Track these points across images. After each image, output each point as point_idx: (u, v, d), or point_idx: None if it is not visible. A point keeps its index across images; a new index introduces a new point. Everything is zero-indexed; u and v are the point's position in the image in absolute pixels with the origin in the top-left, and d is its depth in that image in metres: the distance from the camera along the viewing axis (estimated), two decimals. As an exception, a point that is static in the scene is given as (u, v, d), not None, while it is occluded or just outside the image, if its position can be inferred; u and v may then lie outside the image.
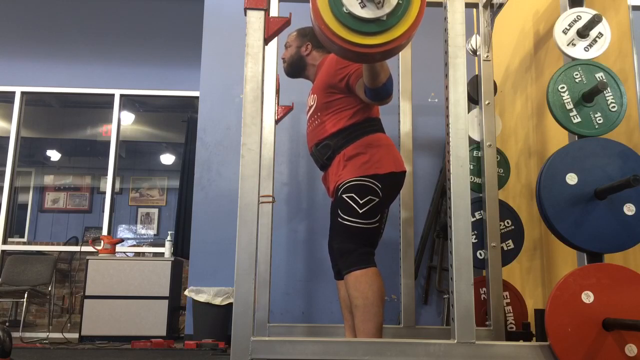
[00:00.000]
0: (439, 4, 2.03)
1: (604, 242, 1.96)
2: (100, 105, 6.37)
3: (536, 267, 3.03)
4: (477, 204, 2.82)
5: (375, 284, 2.09)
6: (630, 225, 1.95)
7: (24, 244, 6.61)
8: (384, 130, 2.36)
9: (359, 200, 2.17)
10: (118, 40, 5.72)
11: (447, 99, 1.86)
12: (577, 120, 2.09)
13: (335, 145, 2.28)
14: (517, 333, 2.58)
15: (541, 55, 3.03)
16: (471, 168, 2.88)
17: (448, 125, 1.83)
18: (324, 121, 2.35)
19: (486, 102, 2.87)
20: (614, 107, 2.10)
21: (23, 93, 5.57)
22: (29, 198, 7.96)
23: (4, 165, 5.42)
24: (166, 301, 4.18)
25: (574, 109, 2.10)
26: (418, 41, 3.14)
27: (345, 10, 1.60)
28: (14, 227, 7.01)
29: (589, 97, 2.10)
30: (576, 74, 2.14)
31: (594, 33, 2.19)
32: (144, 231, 7.77)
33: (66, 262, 5.70)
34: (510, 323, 2.77)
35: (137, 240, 7.73)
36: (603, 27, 2.20)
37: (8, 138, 5.46)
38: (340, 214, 2.19)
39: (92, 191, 7.93)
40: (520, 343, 2.07)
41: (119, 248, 4.77)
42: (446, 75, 1.87)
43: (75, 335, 4.22)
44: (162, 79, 5.60)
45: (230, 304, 3.50)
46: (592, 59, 2.18)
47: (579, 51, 2.19)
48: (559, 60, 2.60)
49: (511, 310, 2.80)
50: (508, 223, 2.85)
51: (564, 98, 2.11)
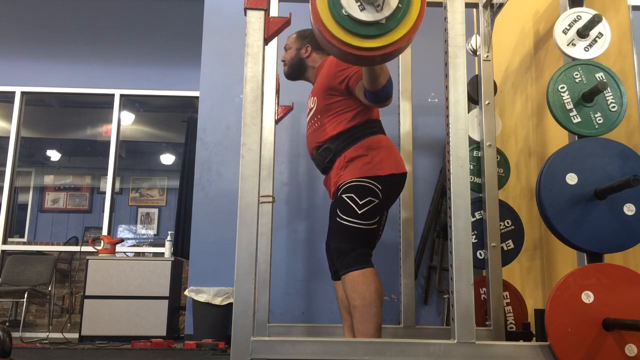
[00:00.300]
0: (439, 4, 2.03)
1: (604, 242, 1.96)
2: (100, 105, 6.37)
3: (536, 267, 3.03)
4: (477, 204, 2.82)
5: (373, 284, 2.08)
6: (630, 225, 1.95)
7: (24, 244, 6.61)
8: (384, 132, 2.36)
9: (359, 201, 2.17)
10: (118, 40, 5.72)
11: (447, 99, 1.86)
12: (577, 120, 2.10)
13: (336, 148, 2.28)
14: (517, 333, 2.58)
15: (541, 55, 3.03)
16: (471, 168, 2.88)
17: (448, 125, 1.83)
18: (324, 124, 2.34)
19: (486, 102, 2.87)
20: (614, 107, 2.10)
21: (23, 93, 5.57)
22: (29, 198, 7.96)
23: (4, 165, 5.42)
24: (166, 301, 4.18)
25: (574, 109, 2.10)
26: (418, 41, 3.14)
27: (344, 12, 1.59)
28: (14, 227, 7.01)
29: (589, 97, 2.10)
30: (576, 74, 2.14)
31: (594, 33, 2.19)
32: (144, 231, 7.77)
33: (66, 262, 5.70)
34: (510, 323, 2.78)
35: (137, 240, 7.73)
36: (603, 27, 2.20)
37: (8, 138, 5.46)
38: (339, 213, 2.19)
39: (92, 191, 7.93)
40: (520, 343, 2.07)
41: (119, 248, 4.77)
42: (446, 75, 1.88)
43: (75, 335, 4.22)
44: (162, 79, 5.60)
45: (230, 304, 3.50)
46: (592, 59, 2.18)
47: (579, 51, 2.19)
48: (559, 60, 2.60)
49: (511, 310, 2.80)
50: (508, 223, 2.85)
51: (564, 98, 2.11)
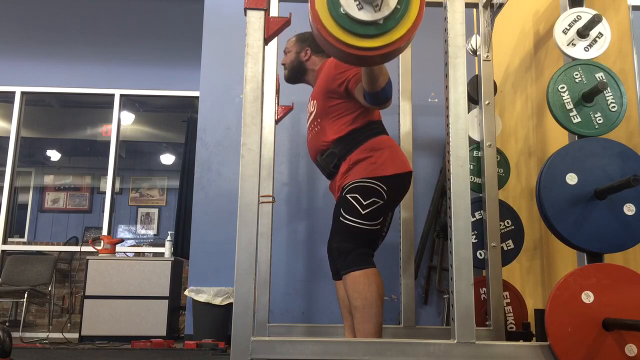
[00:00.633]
0: (439, 4, 2.03)
1: (604, 242, 1.96)
2: (100, 105, 6.37)
3: (536, 267, 3.03)
4: (477, 204, 2.82)
5: (374, 284, 2.07)
6: (630, 225, 1.95)
7: (24, 244, 6.61)
8: (386, 132, 2.35)
9: (363, 202, 2.16)
10: (118, 40, 5.72)
11: (447, 99, 1.86)
12: (577, 120, 2.09)
13: (340, 152, 2.27)
14: (517, 333, 2.58)
15: (541, 55, 3.03)
16: (471, 168, 2.88)
17: (448, 125, 1.83)
18: (325, 127, 2.33)
19: (486, 102, 2.87)
20: (614, 107, 2.10)
21: (23, 93, 5.57)
22: (29, 198, 7.96)
23: (4, 165, 5.42)
24: (166, 301, 4.18)
25: (574, 109, 2.10)
26: (418, 41, 3.14)
27: (342, 11, 1.59)
28: (14, 227, 7.01)
29: (589, 97, 2.10)
30: (576, 74, 2.14)
31: (594, 33, 2.19)
32: (144, 231, 7.77)
33: (66, 262, 5.70)
34: (510, 323, 2.77)
35: (137, 240, 7.73)
36: (603, 27, 2.20)
37: (8, 138, 5.46)
38: (343, 213, 2.18)
39: (92, 191, 7.93)
40: (520, 343, 2.07)
41: (119, 248, 4.77)
42: (446, 75, 1.87)
43: (75, 335, 4.22)
44: (162, 79, 5.60)
45: (230, 304, 3.50)
46: (592, 59, 2.18)
47: (579, 51, 2.19)
48: (559, 60, 2.60)
49: (511, 310, 2.80)
50: (508, 223, 2.85)
51: (564, 98, 2.11)
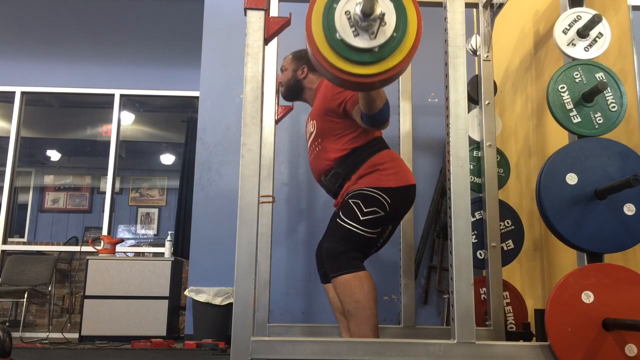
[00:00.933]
0: (439, 4, 2.03)
1: (604, 242, 1.96)
2: (100, 105, 6.37)
3: (536, 267, 3.03)
4: (477, 204, 2.82)
5: (366, 286, 2.04)
6: (630, 225, 1.95)
7: (24, 244, 6.61)
8: (388, 146, 2.35)
9: (363, 208, 2.14)
10: (118, 40, 5.72)
11: (447, 99, 1.85)
12: (577, 120, 2.09)
13: (345, 171, 2.27)
14: (517, 333, 2.58)
15: (541, 55, 3.03)
16: (471, 168, 2.88)
17: (448, 125, 1.83)
18: (326, 147, 2.32)
19: (486, 102, 2.87)
20: (614, 107, 2.10)
21: (23, 93, 5.58)
22: (29, 198, 7.96)
23: (4, 165, 5.42)
24: (166, 301, 4.18)
25: (574, 109, 2.10)
26: (418, 41, 3.12)
27: (338, 36, 1.57)
28: (14, 227, 7.01)
29: (589, 97, 2.10)
30: (576, 74, 2.14)
31: (594, 33, 2.19)
32: (143, 231, 7.77)
33: (66, 262, 5.69)
34: (510, 323, 2.77)
35: (137, 240, 7.73)
36: (603, 27, 2.20)
37: (8, 138, 5.46)
38: (341, 215, 2.17)
39: (92, 191, 7.93)
40: (520, 343, 2.07)
41: (119, 248, 4.77)
42: (446, 75, 1.87)
43: (75, 335, 4.22)
44: (162, 79, 5.60)
45: (230, 304, 3.50)
46: (592, 59, 2.18)
47: (579, 51, 2.19)
48: (559, 60, 2.60)
49: (511, 310, 2.80)
50: (508, 223, 2.85)
51: (564, 98, 2.11)
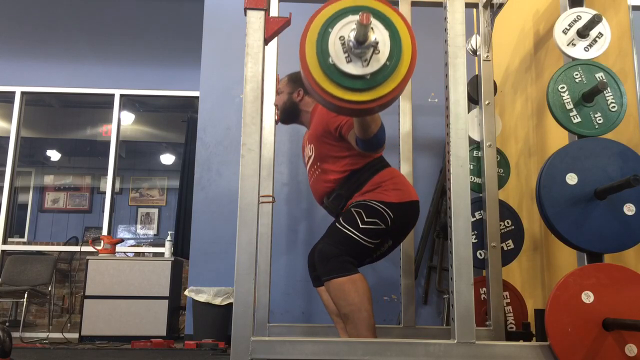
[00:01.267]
0: (439, 4, 2.03)
1: (604, 242, 1.96)
2: (100, 105, 6.37)
3: (536, 267, 3.03)
4: (477, 204, 2.82)
5: (361, 288, 2.03)
6: (630, 225, 1.95)
7: (24, 244, 6.61)
8: (389, 165, 2.34)
9: (365, 218, 2.13)
10: (118, 40, 5.72)
11: (447, 99, 1.85)
12: (577, 120, 2.09)
13: (347, 193, 2.26)
14: (517, 333, 2.58)
15: (541, 55, 3.03)
16: (471, 168, 2.88)
17: (448, 125, 1.83)
18: (326, 170, 2.31)
19: (486, 102, 2.87)
20: (614, 107, 2.10)
21: (23, 93, 5.57)
22: (29, 198, 7.96)
23: (4, 165, 5.42)
24: (166, 301, 4.18)
25: (574, 109, 2.10)
26: (418, 41, 3.13)
27: (330, 61, 1.57)
28: (14, 227, 7.01)
29: (589, 97, 2.10)
30: (576, 74, 2.14)
31: (594, 33, 2.19)
32: (143, 231, 7.77)
33: (66, 262, 5.69)
34: (510, 323, 2.77)
35: (137, 240, 7.73)
36: (603, 27, 2.20)
37: (8, 138, 5.46)
38: (341, 220, 2.17)
39: (92, 191, 7.93)
40: (520, 343, 2.07)
41: (119, 248, 4.77)
42: (446, 75, 1.87)
43: (75, 335, 4.22)
44: (162, 79, 5.60)
45: (230, 304, 3.50)
46: (592, 59, 2.18)
47: (579, 51, 2.19)
48: (559, 60, 2.60)
49: (511, 310, 2.80)
50: (508, 223, 2.85)
51: (564, 98, 2.11)
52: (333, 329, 2.79)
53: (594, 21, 2.15)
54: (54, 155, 8.35)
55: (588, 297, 1.76)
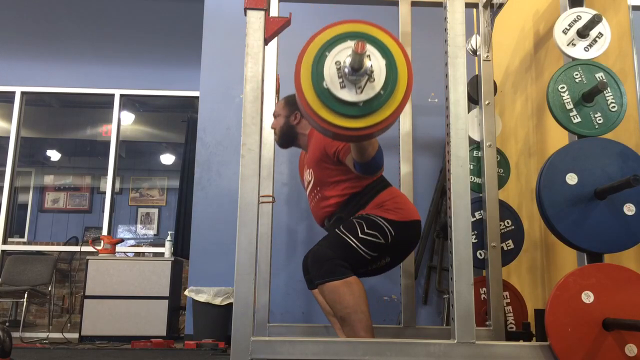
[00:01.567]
0: (439, 4, 2.03)
1: (604, 242, 1.96)
2: (100, 105, 6.37)
3: (536, 267, 3.03)
4: (477, 204, 2.82)
5: (356, 291, 2.01)
6: (630, 225, 1.95)
7: (24, 244, 6.62)
8: (390, 184, 2.34)
9: (365, 229, 2.13)
10: (118, 40, 5.72)
11: (447, 99, 1.85)
12: (577, 120, 2.09)
13: (347, 216, 2.26)
14: (517, 333, 2.58)
15: (541, 55, 3.03)
16: (471, 168, 2.88)
17: (448, 125, 1.83)
18: (326, 194, 2.30)
19: (486, 102, 2.87)
20: (614, 107, 2.10)
21: (23, 93, 5.57)
22: (29, 198, 7.96)
23: (4, 165, 5.42)
24: (166, 301, 4.18)
25: (574, 109, 2.10)
26: (418, 41, 3.13)
27: (325, 85, 1.56)
28: (14, 227, 7.02)
29: (589, 97, 2.10)
30: (576, 74, 2.14)
31: (594, 33, 2.19)
32: (143, 231, 7.77)
33: (66, 262, 5.70)
34: (510, 323, 2.77)
35: (137, 240, 7.73)
36: (603, 27, 2.20)
37: (8, 138, 5.46)
38: (341, 227, 2.16)
39: (92, 191, 7.93)
40: (520, 343, 2.07)
41: (119, 248, 4.77)
42: (446, 75, 1.87)
43: (75, 335, 4.22)
44: (162, 79, 5.60)
45: (230, 304, 3.50)
46: (592, 59, 2.18)
47: (579, 51, 2.19)
48: (559, 60, 2.60)
49: (511, 310, 2.80)
50: (508, 223, 2.85)
51: (564, 98, 2.11)
52: (333, 329, 2.79)
53: (594, 21, 2.15)
54: (54, 155, 8.35)
55: (588, 297, 1.76)
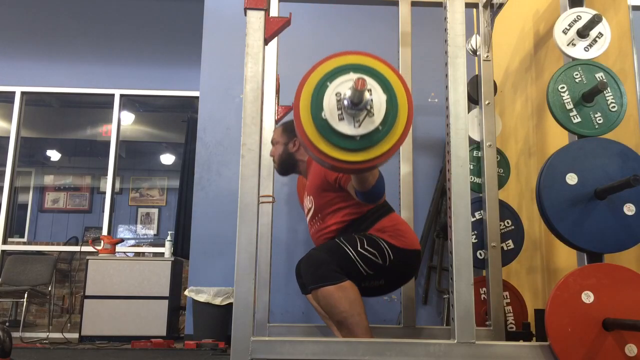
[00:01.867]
0: (439, 4, 2.03)
1: (604, 242, 1.96)
2: (100, 105, 6.37)
3: (536, 267, 3.03)
4: (477, 204, 2.82)
5: (351, 295, 1.99)
6: (630, 225, 1.95)
7: (24, 244, 6.62)
8: (392, 209, 2.31)
9: (365, 245, 2.10)
10: (118, 40, 5.72)
11: (447, 99, 1.85)
12: (577, 120, 2.09)
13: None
14: (517, 333, 2.58)
15: (541, 55, 3.03)
16: (471, 168, 2.88)
17: (448, 125, 1.83)
18: (326, 220, 2.28)
19: (486, 102, 2.87)
20: (614, 107, 2.10)
21: (23, 93, 5.57)
22: (29, 198, 7.96)
23: (4, 165, 5.42)
24: (166, 301, 4.18)
25: (574, 109, 2.10)
26: (418, 41, 3.13)
27: (323, 116, 1.54)
28: (14, 227, 7.01)
29: (589, 97, 2.10)
30: (576, 74, 2.14)
31: (594, 33, 2.19)
32: (144, 231, 7.77)
33: (66, 262, 5.70)
34: (510, 323, 2.78)
35: (137, 240, 7.73)
36: (603, 27, 2.20)
37: (8, 138, 5.46)
38: (341, 238, 2.14)
39: (92, 191, 7.93)
40: (520, 343, 2.07)
41: (119, 248, 4.77)
42: (446, 75, 1.87)
43: (75, 335, 4.22)
44: (162, 79, 5.60)
45: (230, 304, 3.50)
46: (592, 59, 2.18)
47: (579, 51, 2.19)
48: (559, 60, 2.60)
49: (511, 310, 2.80)
50: (508, 223, 2.85)
51: (564, 98, 2.11)
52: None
53: (594, 21, 2.15)
54: (54, 155, 8.35)
55: (588, 297, 1.76)
